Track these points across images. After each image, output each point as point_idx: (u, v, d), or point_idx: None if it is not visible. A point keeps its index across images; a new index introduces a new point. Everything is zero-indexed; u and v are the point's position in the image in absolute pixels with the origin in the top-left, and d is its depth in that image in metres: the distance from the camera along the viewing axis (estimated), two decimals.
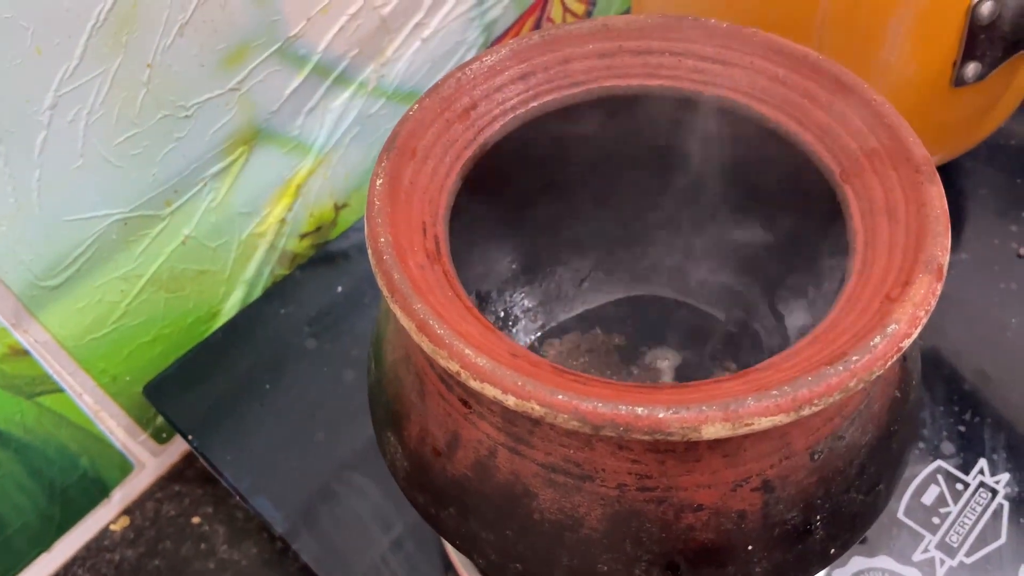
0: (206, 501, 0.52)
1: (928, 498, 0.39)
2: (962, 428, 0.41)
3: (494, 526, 0.28)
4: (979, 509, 0.38)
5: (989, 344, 0.43)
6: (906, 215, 0.27)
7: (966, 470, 0.39)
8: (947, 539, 0.38)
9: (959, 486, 0.39)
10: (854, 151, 0.29)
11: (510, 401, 0.23)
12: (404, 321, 0.25)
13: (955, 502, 0.38)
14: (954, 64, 0.38)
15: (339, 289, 0.50)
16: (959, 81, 0.39)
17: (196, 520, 0.51)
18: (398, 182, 0.29)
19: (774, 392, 0.22)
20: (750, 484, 0.26)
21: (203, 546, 0.50)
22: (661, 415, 0.22)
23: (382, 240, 0.27)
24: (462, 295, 0.27)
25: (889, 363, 0.23)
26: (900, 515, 0.38)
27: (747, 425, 0.22)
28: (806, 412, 0.22)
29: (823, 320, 0.25)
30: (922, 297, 0.24)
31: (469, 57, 0.55)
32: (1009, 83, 0.42)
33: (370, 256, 0.27)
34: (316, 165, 0.50)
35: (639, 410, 0.22)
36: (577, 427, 0.23)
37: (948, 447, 0.40)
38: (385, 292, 0.26)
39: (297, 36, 0.44)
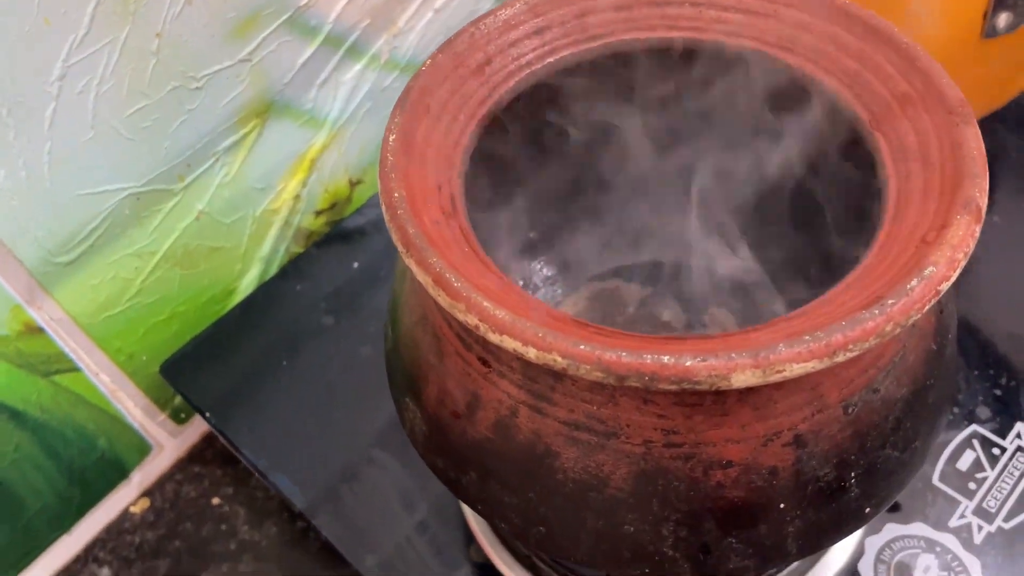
0: (226, 482, 0.52)
1: (964, 464, 0.38)
2: (998, 392, 0.39)
3: (516, 489, 0.27)
4: (1016, 474, 0.37)
5: (1022, 307, 0.42)
6: (941, 158, 0.26)
7: (1003, 434, 0.38)
8: (984, 504, 0.36)
9: (996, 451, 0.38)
10: (884, 97, 0.28)
11: (531, 353, 0.22)
12: (420, 276, 0.24)
13: (992, 467, 0.37)
14: (985, 14, 0.37)
15: (355, 265, 0.49)
16: (990, 32, 0.37)
17: (216, 501, 0.51)
18: (411, 139, 0.28)
19: (807, 337, 0.21)
20: (781, 439, 0.25)
21: (223, 527, 0.50)
22: (688, 363, 0.21)
23: (396, 195, 0.26)
24: (479, 251, 0.26)
25: (927, 307, 0.22)
26: (935, 481, 0.37)
27: (779, 372, 0.21)
28: (840, 358, 0.21)
29: (856, 266, 0.24)
30: (960, 239, 0.23)
31: None
32: None
33: (384, 211, 0.26)
34: (330, 139, 0.49)
35: (665, 358, 0.21)
36: (601, 378, 0.22)
37: (984, 412, 0.39)
38: (400, 247, 0.25)
39: (308, 6, 0.43)
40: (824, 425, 0.25)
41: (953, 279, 0.23)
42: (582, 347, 0.22)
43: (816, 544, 0.27)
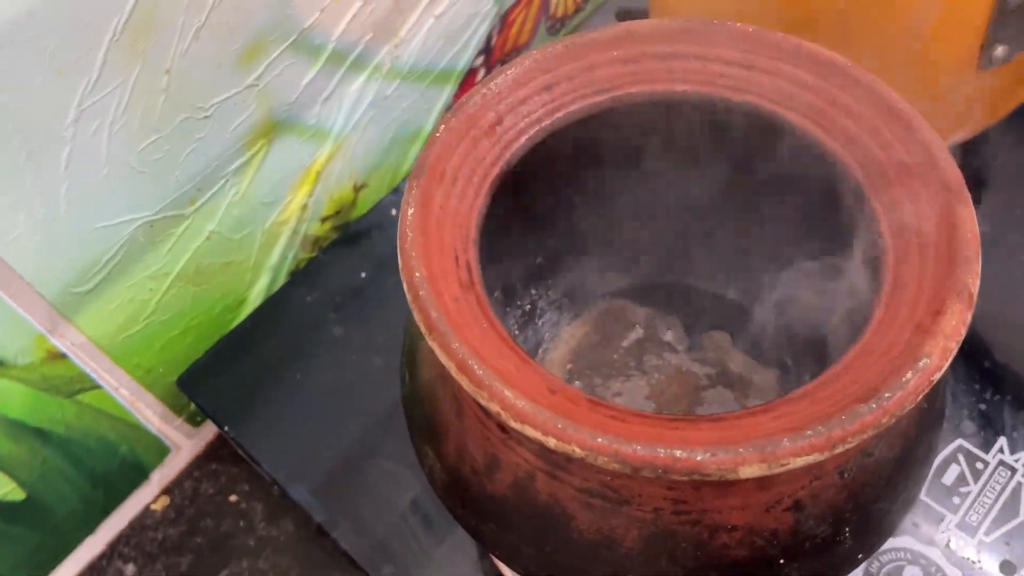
0: (242, 479, 0.54)
1: (949, 478, 0.40)
2: (983, 407, 0.41)
3: (534, 542, 0.29)
4: (998, 488, 0.39)
5: (1012, 319, 0.44)
6: (936, 236, 0.27)
7: (986, 449, 0.40)
8: (967, 518, 0.39)
9: (979, 465, 0.40)
10: (883, 163, 0.29)
11: (551, 443, 0.24)
12: (444, 360, 0.26)
13: (975, 481, 0.39)
14: (982, 47, 0.38)
15: (363, 275, 0.50)
16: (986, 63, 0.38)
17: (233, 498, 0.53)
18: (429, 209, 0.29)
19: (808, 432, 0.23)
20: (782, 505, 0.26)
21: (242, 523, 0.52)
22: (699, 458, 0.23)
23: (417, 275, 0.27)
24: (496, 325, 0.27)
25: (920, 396, 0.24)
26: (922, 496, 0.39)
27: (783, 465, 0.23)
28: (839, 450, 0.23)
29: (855, 345, 0.26)
30: (953, 328, 0.24)
31: (482, 30, 0.54)
32: None
33: (406, 290, 0.27)
34: (335, 150, 0.49)
35: (678, 453, 0.23)
36: (618, 469, 0.23)
37: (969, 426, 0.41)
38: (423, 329, 0.26)
39: (312, 27, 0.43)
40: (821, 490, 0.27)
41: (946, 367, 0.24)
42: (600, 440, 0.23)
43: None
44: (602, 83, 0.32)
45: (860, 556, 0.29)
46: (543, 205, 0.37)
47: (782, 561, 0.27)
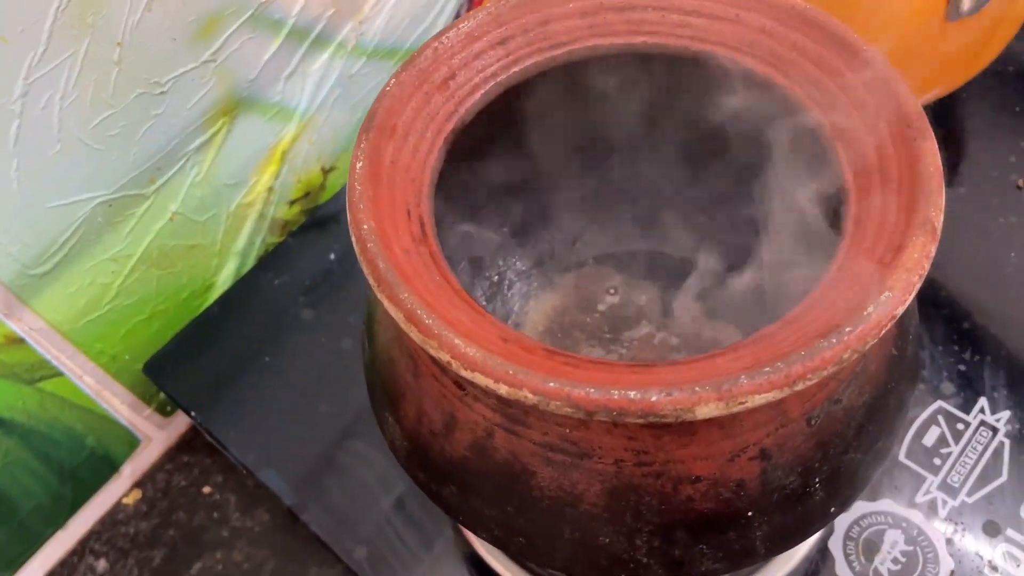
0: (215, 470, 0.53)
1: (929, 439, 0.39)
2: (962, 367, 0.41)
3: (495, 503, 0.28)
4: (980, 448, 0.38)
5: (989, 279, 0.43)
6: (898, 172, 0.26)
7: (966, 409, 0.39)
8: (948, 480, 0.38)
9: (960, 426, 0.39)
10: (844, 104, 0.28)
11: (502, 390, 0.23)
12: (392, 311, 0.25)
13: (956, 442, 0.39)
14: None
15: (332, 257, 0.49)
16: (954, 14, 0.37)
17: (207, 490, 0.52)
18: (379, 163, 0.28)
19: (767, 369, 0.22)
20: (747, 454, 0.26)
21: (216, 515, 0.51)
22: (654, 398, 0.22)
23: (365, 227, 0.26)
24: (450, 278, 0.27)
25: (883, 331, 0.23)
26: (901, 458, 0.39)
27: (741, 404, 0.22)
28: (800, 387, 0.22)
29: (817, 286, 0.25)
30: (915, 262, 0.24)
31: (449, 8, 0.54)
32: (1005, 13, 0.41)
33: (354, 244, 0.26)
34: (301, 130, 0.49)
35: (631, 394, 0.22)
36: (571, 413, 0.23)
37: (948, 387, 0.40)
38: (371, 281, 0.25)
39: (269, 1, 0.42)
40: (788, 438, 0.26)
41: (908, 302, 0.23)
42: (551, 384, 0.23)
43: (784, 545, 0.28)
44: (559, 36, 0.32)
45: (832, 510, 0.28)
46: (506, 170, 0.37)
47: (750, 514, 0.26)
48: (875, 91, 0.28)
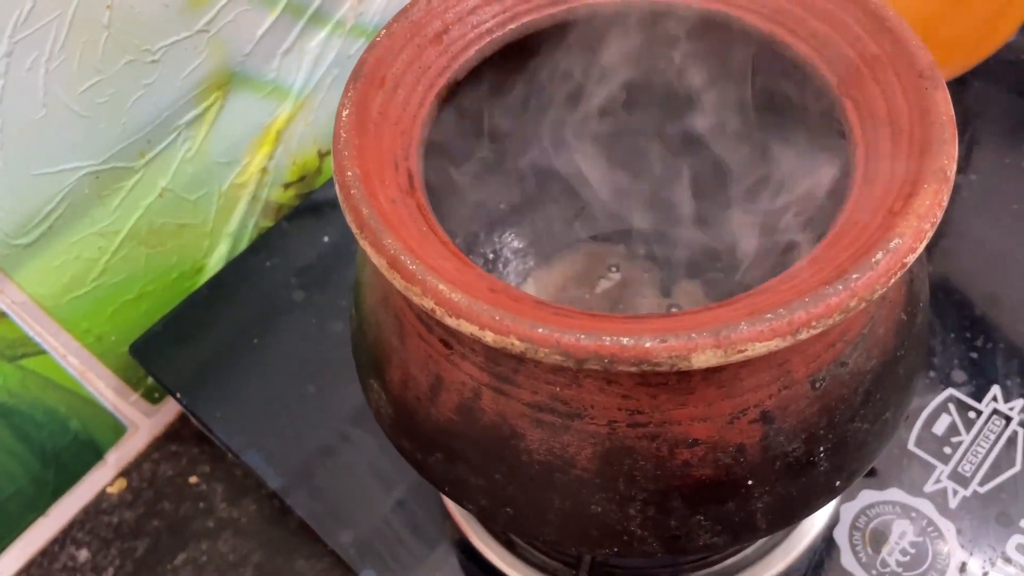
0: (203, 460, 0.51)
1: (939, 428, 0.37)
2: (974, 355, 0.39)
3: (482, 470, 0.26)
4: (992, 437, 0.37)
5: (1000, 267, 0.42)
6: (910, 124, 0.25)
7: (978, 397, 0.38)
8: (960, 469, 0.36)
9: (971, 414, 0.38)
10: (853, 59, 0.27)
11: (488, 337, 0.22)
12: (375, 258, 0.24)
13: (967, 431, 0.37)
14: None
15: (326, 239, 0.48)
16: None
17: (194, 480, 0.51)
18: (366, 113, 0.27)
19: (768, 316, 0.21)
20: (748, 416, 0.24)
21: (202, 505, 0.50)
22: (648, 344, 0.21)
23: (349, 174, 0.25)
24: (437, 229, 0.25)
25: (892, 280, 0.22)
26: (911, 446, 0.37)
27: (740, 352, 0.21)
28: (803, 336, 0.21)
29: (823, 239, 0.24)
30: (927, 208, 0.22)
31: None
32: None
33: (337, 191, 0.25)
34: (296, 110, 0.48)
35: (624, 340, 0.21)
36: (560, 361, 0.21)
37: (959, 375, 0.39)
38: (354, 228, 0.24)
39: None
40: (791, 401, 0.24)
41: (920, 250, 0.22)
42: (540, 330, 0.21)
43: (786, 519, 0.27)
44: None
45: (838, 484, 0.27)
46: (501, 139, 0.36)
47: (751, 483, 0.25)
48: (885, 44, 0.26)
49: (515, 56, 0.31)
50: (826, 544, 0.35)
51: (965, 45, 0.42)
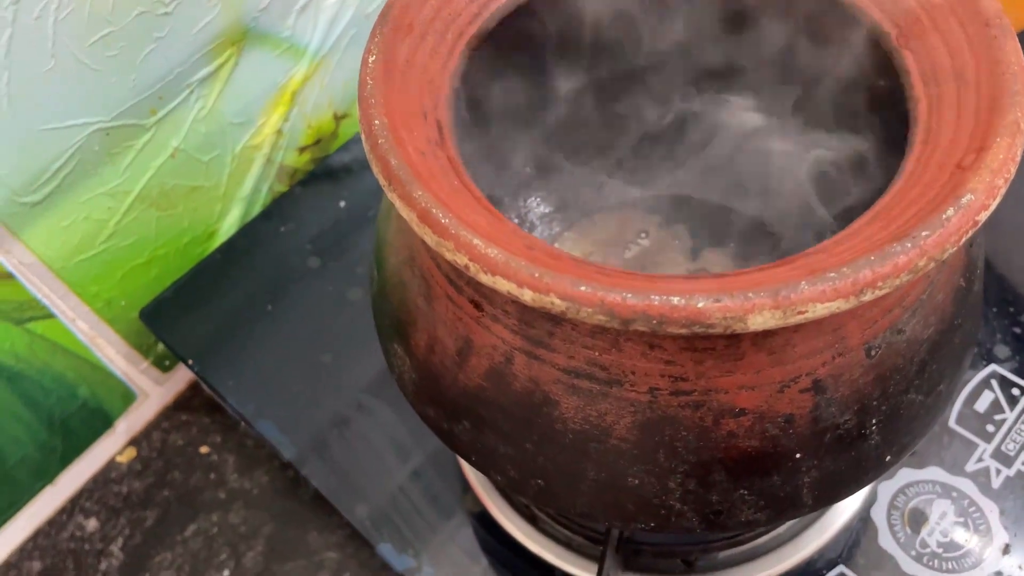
0: (214, 430, 0.50)
1: (982, 405, 0.36)
2: (1017, 330, 0.38)
3: (512, 439, 0.25)
4: None
5: None
6: (977, 76, 0.23)
7: (1022, 374, 0.36)
8: (1003, 447, 0.35)
9: (1015, 391, 0.36)
10: (913, 9, 0.25)
11: (527, 296, 0.20)
12: (404, 212, 0.22)
13: (1011, 408, 0.36)
14: None
15: (341, 204, 0.47)
16: None
17: (204, 450, 0.50)
18: (393, 60, 0.25)
19: (832, 274, 0.19)
20: (799, 384, 0.23)
21: (212, 476, 0.49)
22: (701, 304, 0.19)
23: (376, 123, 0.23)
24: (470, 184, 0.24)
25: (964, 239, 0.20)
26: (952, 424, 0.36)
27: (800, 313, 0.19)
28: (867, 297, 0.19)
29: (883, 196, 0.22)
30: (1000, 163, 0.21)
31: None
32: None
33: (363, 141, 0.23)
34: (312, 70, 0.46)
35: (675, 300, 0.19)
36: (604, 322, 0.20)
37: (1003, 350, 0.37)
38: (382, 180, 0.23)
39: None
40: (845, 369, 0.23)
41: (993, 207, 0.20)
42: (583, 288, 0.20)
43: (833, 495, 0.25)
44: None
45: (888, 459, 0.25)
46: (529, 98, 0.34)
47: (799, 456, 0.24)
48: None
49: (549, 6, 0.30)
50: (863, 523, 0.34)
51: (1016, 9, 0.40)
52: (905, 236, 0.20)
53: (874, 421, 0.24)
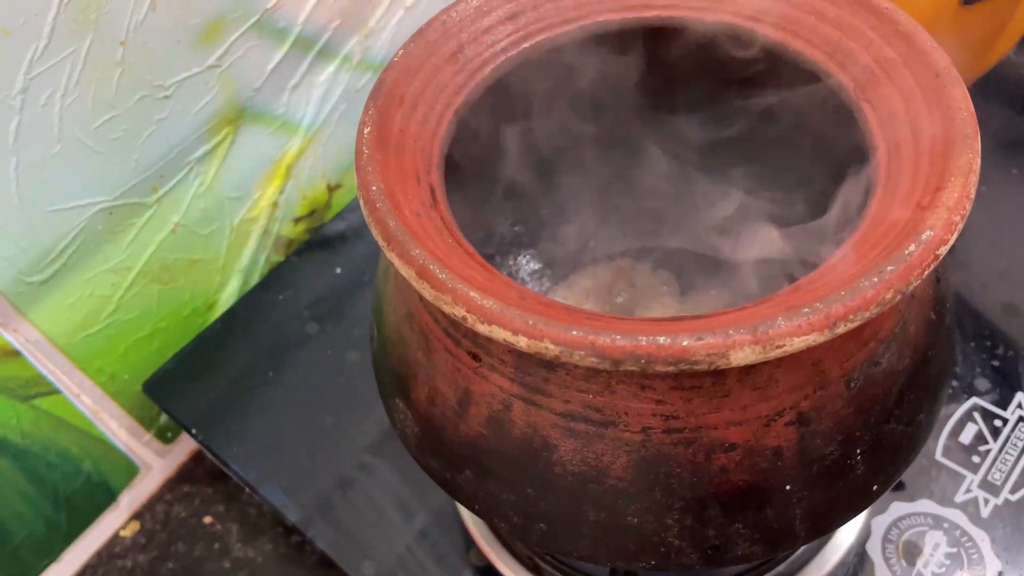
0: (217, 500, 0.50)
1: (966, 437, 0.37)
2: (996, 363, 0.39)
3: (514, 485, 0.26)
4: (1020, 444, 0.36)
5: (1014, 276, 0.42)
6: (931, 122, 0.25)
7: (1003, 405, 0.38)
8: (989, 477, 0.36)
9: (997, 422, 0.37)
10: (868, 64, 0.27)
11: (522, 343, 0.22)
12: (403, 269, 0.23)
13: (995, 439, 0.37)
14: None
15: (337, 271, 0.48)
16: None
17: (208, 520, 0.50)
18: (387, 130, 0.27)
19: (806, 310, 0.21)
20: (784, 418, 0.24)
21: (216, 545, 0.49)
22: (685, 343, 0.21)
23: (374, 188, 0.25)
24: (463, 242, 0.25)
25: (926, 272, 0.21)
26: (938, 456, 0.37)
27: (779, 347, 0.21)
28: (841, 329, 0.21)
29: (849, 237, 0.24)
30: (956, 201, 0.22)
31: None
32: (1017, 4, 0.40)
33: (362, 205, 0.25)
34: (306, 144, 0.48)
35: (661, 339, 0.21)
36: (595, 364, 0.21)
37: (983, 383, 0.38)
38: (381, 241, 0.24)
39: (275, 8, 0.42)
40: (827, 402, 0.24)
41: (951, 242, 0.22)
42: (574, 333, 0.21)
43: (825, 526, 0.26)
44: (569, 12, 0.31)
45: (875, 488, 0.26)
46: (516, 160, 0.36)
47: (789, 488, 0.25)
48: (899, 46, 0.27)
49: (529, 75, 0.31)
50: (858, 558, 0.35)
51: (967, 59, 0.43)
52: (872, 272, 0.21)
53: (858, 451, 0.25)
